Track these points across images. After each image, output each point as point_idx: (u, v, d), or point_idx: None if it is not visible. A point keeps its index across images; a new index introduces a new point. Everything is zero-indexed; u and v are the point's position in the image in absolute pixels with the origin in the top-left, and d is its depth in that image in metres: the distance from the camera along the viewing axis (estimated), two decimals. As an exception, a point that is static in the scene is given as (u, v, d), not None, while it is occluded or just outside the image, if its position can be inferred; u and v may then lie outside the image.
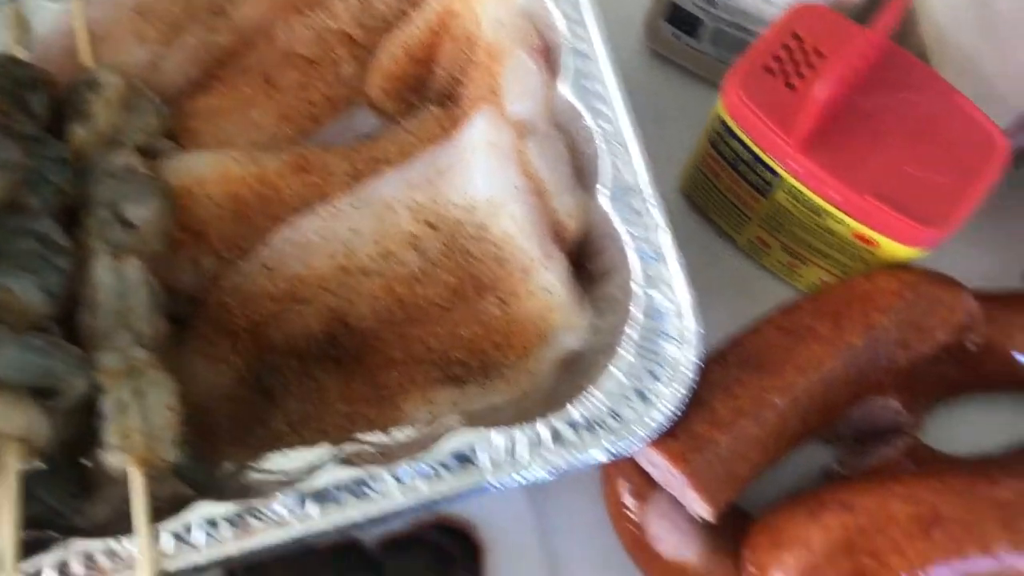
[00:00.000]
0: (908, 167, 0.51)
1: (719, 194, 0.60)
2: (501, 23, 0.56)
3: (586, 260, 0.55)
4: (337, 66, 0.62)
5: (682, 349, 0.49)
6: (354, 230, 0.55)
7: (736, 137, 0.54)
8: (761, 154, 0.53)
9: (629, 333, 0.49)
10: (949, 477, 0.49)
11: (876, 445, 0.55)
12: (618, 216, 0.51)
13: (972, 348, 0.54)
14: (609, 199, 0.51)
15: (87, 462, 0.48)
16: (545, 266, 0.52)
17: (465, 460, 0.47)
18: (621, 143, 0.52)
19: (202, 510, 0.46)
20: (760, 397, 0.49)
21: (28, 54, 0.58)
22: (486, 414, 0.52)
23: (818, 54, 0.53)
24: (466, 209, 0.53)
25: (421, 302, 0.55)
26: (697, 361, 0.49)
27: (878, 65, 0.52)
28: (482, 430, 0.47)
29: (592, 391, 0.48)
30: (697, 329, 0.49)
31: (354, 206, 0.55)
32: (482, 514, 0.57)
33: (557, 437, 0.48)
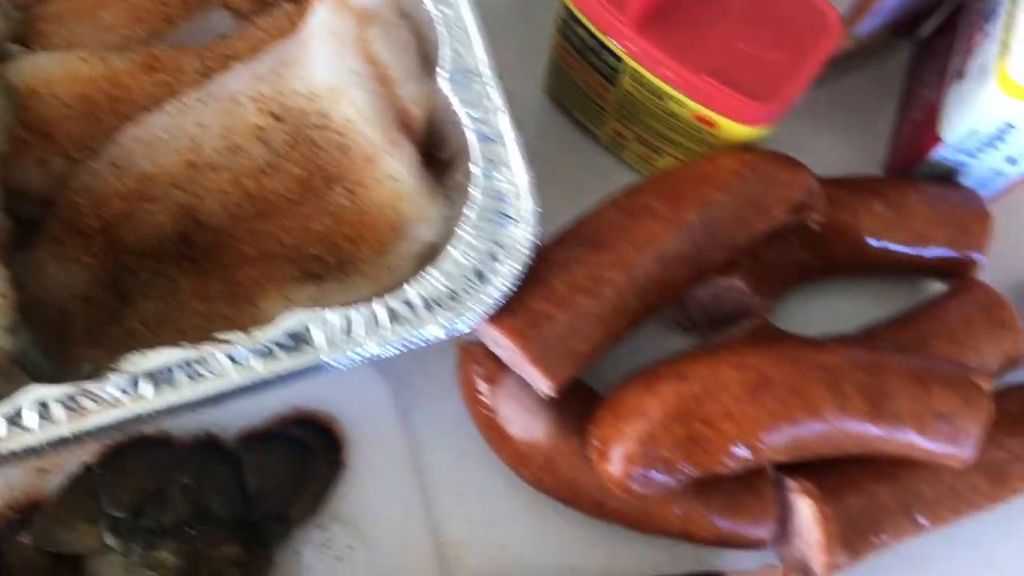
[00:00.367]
0: (743, 45, 0.51)
1: (577, 88, 0.60)
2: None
3: (436, 150, 0.55)
4: (189, -36, 0.61)
5: (520, 228, 0.49)
6: (201, 125, 0.55)
7: (579, 23, 0.54)
8: (602, 38, 0.53)
9: (468, 214, 0.50)
10: (780, 345, 0.51)
11: (727, 329, 0.57)
12: (457, 99, 0.51)
13: (815, 228, 0.55)
14: (449, 82, 0.51)
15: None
16: (390, 153, 0.52)
17: (300, 339, 0.47)
18: (462, 28, 0.52)
19: (34, 393, 0.46)
20: (597, 274, 0.50)
21: None
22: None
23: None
24: (309, 98, 0.53)
25: (270, 195, 0.55)
26: (534, 239, 0.49)
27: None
28: (318, 310, 0.48)
29: (430, 271, 0.49)
30: (534, 208, 0.50)
31: (201, 101, 0.55)
32: (343, 407, 0.57)
33: (394, 316, 0.48)
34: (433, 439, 0.58)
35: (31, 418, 0.45)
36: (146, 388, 0.46)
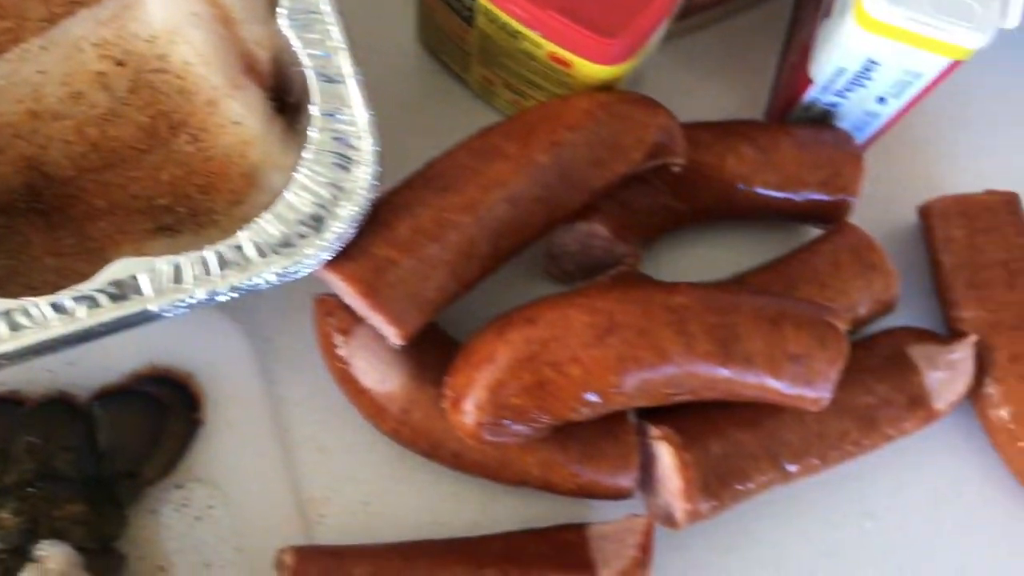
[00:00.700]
0: (593, -19, 0.50)
1: (443, 33, 0.59)
2: None
3: (285, 94, 0.54)
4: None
5: (360, 170, 0.48)
6: (42, 72, 0.53)
7: (432, -40, 0.52)
8: (453, -25, 0.52)
9: (305, 156, 0.48)
10: (632, 289, 0.49)
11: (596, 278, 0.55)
12: (297, 37, 0.49)
13: (677, 171, 0.54)
14: (288, 19, 0.49)
15: None
16: (232, 96, 0.51)
17: (127, 287, 0.46)
18: (303, -35, 0.50)
19: None
20: (442, 217, 0.48)
21: None
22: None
23: None
24: (147, 41, 0.51)
25: (115, 144, 0.53)
26: (373, 180, 0.48)
27: None
28: (145, 258, 0.46)
29: (264, 216, 0.47)
30: (374, 148, 0.48)
31: (43, 47, 0.53)
32: (202, 364, 0.56)
33: (225, 263, 0.46)
34: (296, 395, 0.57)
35: None
36: (-37, 340, 0.44)
